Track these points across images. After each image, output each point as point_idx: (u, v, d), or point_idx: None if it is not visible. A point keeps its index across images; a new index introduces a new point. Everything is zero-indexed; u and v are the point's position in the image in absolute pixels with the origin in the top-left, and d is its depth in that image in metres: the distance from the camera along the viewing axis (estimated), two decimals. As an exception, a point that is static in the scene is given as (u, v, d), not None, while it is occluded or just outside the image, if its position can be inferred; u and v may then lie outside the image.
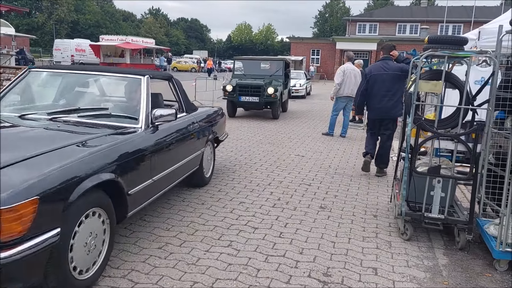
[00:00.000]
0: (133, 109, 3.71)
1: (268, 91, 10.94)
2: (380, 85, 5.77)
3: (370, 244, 3.75)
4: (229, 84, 11.38)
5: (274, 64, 12.55)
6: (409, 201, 3.93)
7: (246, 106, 11.88)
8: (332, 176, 5.99)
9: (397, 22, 44.07)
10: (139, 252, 3.35)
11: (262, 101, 11.05)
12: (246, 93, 11.12)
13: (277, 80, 11.74)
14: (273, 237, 3.78)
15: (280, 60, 12.91)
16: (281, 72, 12.12)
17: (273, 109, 11.46)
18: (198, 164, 4.79)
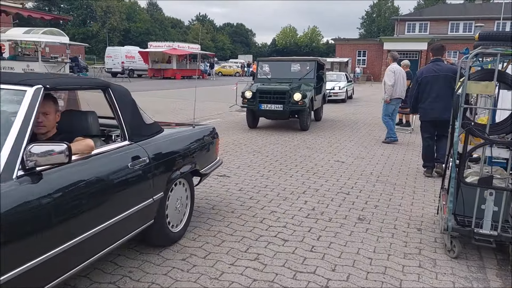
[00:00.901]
0: None
1: (294, 98, 9.25)
2: (433, 87, 5.79)
3: (412, 262, 3.40)
4: (248, 89, 9.70)
5: (304, 65, 10.95)
6: (457, 215, 3.53)
7: (268, 116, 10.06)
8: (373, 184, 5.63)
9: (449, 21, 42.10)
10: (162, 264, 3.22)
11: (287, 109, 9.37)
12: (268, 100, 9.45)
13: (308, 84, 10.08)
14: (303, 251, 3.52)
15: (311, 60, 10.98)
16: (313, 74, 10.51)
17: (301, 119, 9.69)
18: (152, 218, 3.22)
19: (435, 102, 5.76)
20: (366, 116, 13.26)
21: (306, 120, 9.75)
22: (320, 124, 11.32)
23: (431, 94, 5.79)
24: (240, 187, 5.26)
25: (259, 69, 11.08)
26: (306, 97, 9.36)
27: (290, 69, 10.99)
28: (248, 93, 9.61)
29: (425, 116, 5.98)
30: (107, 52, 36.80)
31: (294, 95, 9.30)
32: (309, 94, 9.57)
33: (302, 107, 9.39)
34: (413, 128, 10.18)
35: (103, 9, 65.43)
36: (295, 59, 11.87)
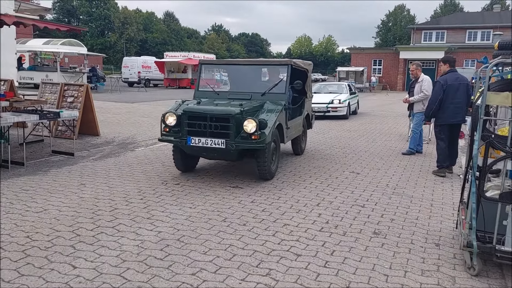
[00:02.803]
0: None
1: (245, 127, 5.54)
2: (455, 94, 6.43)
3: (430, 279, 3.27)
4: (171, 111, 6.01)
5: (274, 72, 7.55)
6: (478, 231, 3.39)
7: (204, 156, 6.14)
8: (389, 196, 5.49)
9: (467, 29, 41.56)
10: (171, 279, 3.15)
11: (233, 147, 5.54)
12: (201, 130, 5.68)
13: (276, 103, 6.31)
14: (317, 266, 3.42)
15: (282, 64, 7.11)
16: (284, 87, 6.63)
17: (259, 162, 5.85)
18: None
19: (458, 107, 6.42)
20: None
21: (266, 164, 5.82)
22: (334, 135, 11.08)
23: (455, 100, 6.38)
24: (253, 199, 5.18)
25: (202, 77, 7.21)
26: (266, 126, 5.62)
27: (251, 79, 7.19)
28: (170, 118, 5.89)
29: (447, 120, 6.49)
30: (124, 62, 37.37)
31: (245, 123, 5.53)
32: (273, 120, 5.85)
33: (258, 143, 5.53)
34: (430, 138, 9.97)
35: (120, 20, 66.63)
36: (256, 61, 7.57)
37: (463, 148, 8.85)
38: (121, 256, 3.48)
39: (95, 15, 67.26)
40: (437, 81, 6.59)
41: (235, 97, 6.61)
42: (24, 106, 7.96)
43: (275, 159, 6.29)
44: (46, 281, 3.05)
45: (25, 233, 3.93)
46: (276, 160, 6.31)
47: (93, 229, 4.06)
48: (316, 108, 13.50)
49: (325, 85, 17.30)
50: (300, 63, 7.49)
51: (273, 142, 6.06)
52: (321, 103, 14.24)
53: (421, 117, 8.30)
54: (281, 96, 6.55)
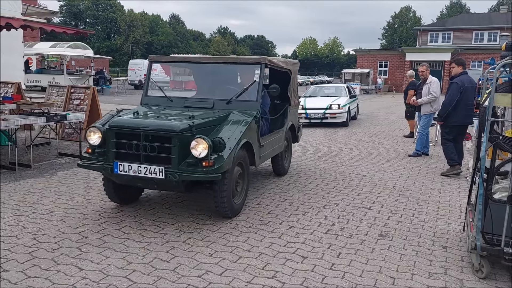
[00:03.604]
0: None
1: (193, 150, 4.07)
2: (469, 96, 6.51)
3: (438, 282, 3.24)
4: (94, 126, 4.44)
5: (245, 73, 5.80)
6: (485, 233, 3.36)
7: (140, 186, 4.79)
8: (396, 198, 5.46)
9: (474, 30, 41.31)
10: (177, 281, 3.15)
11: (175, 178, 4.03)
12: (132, 153, 4.19)
13: (245, 113, 4.91)
14: (323, 269, 3.40)
15: (255, 63, 5.44)
16: (256, 93, 5.15)
17: (215, 197, 4.35)
18: None
19: (470, 109, 6.53)
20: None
21: (225, 200, 4.32)
22: (340, 137, 11.00)
23: (468, 102, 6.47)
24: (259, 201, 5.18)
25: (152, 79, 5.76)
26: (224, 147, 4.19)
27: (217, 81, 5.82)
28: (93, 135, 4.37)
29: (460, 121, 6.56)
30: (130, 64, 37.53)
31: (193, 143, 4.05)
32: (237, 138, 4.40)
33: (211, 173, 4.02)
34: (437, 140, 9.92)
35: (127, 23, 66.99)
36: (220, 59, 5.92)
37: (470, 150, 8.79)
38: (127, 258, 3.49)
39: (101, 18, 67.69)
40: (454, 82, 6.52)
41: (193, 105, 5.14)
42: (31, 109, 8.02)
43: (241, 190, 4.74)
44: (52, 283, 3.06)
45: (32, 235, 3.95)
46: (243, 191, 4.78)
47: (99, 231, 4.08)
48: (312, 115, 12.53)
49: (321, 88, 15.60)
50: (279, 62, 5.94)
51: (239, 167, 4.58)
52: (318, 108, 12.63)
53: (428, 119, 8.25)
54: (252, 104, 5.03)
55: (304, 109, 12.48)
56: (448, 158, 6.75)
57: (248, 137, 4.66)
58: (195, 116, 4.45)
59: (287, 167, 6.76)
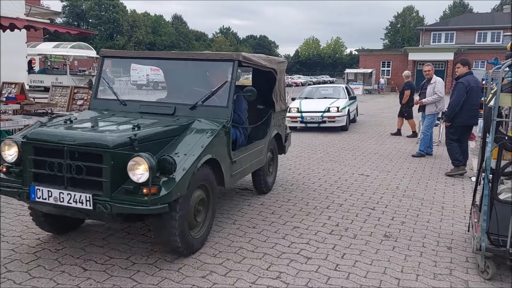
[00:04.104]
0: None
1: (130, 172, 3.08)
2: (475, 96, 6.47)
3: (443, 283, 3.23)
4: (9, 138, 3.52)
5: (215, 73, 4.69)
6: (491, 234, 3.34)
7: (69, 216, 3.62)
8: (399, 199, 5.44)
9: (477, 30, 41.18)
10: (181, 281, 3.15)
11: (107, 209, 3.02)
12: (54, 174, 3.20)
13: (213, 121, 4.01)
14: (327, 269, 3.39)
15: (223, 60, 4.46)
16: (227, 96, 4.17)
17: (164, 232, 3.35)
18: None
19: (475, 109, 6.50)
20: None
21: (174, 232, 3.32)
22: (343, 137, 10.97)
23: (473, 102, 6.44)
24: (262, 201, 5.17)
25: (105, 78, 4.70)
26: (174, 168, 3.20)
27: (184, 82, 4.94)
28: (7, 149, 3.44)
29: (465, 121, 6.54)
30: (133, 65, 37.55)
31: (130, 164, 3.09)
32: (195, 156, 3.49)
33: (155, 203, 3.05)
34: (440, 140, 9.88)
35: (129, 23, 67.11)
36: (185, 55, 4.69)
37: (474, 150, 8.76)
38: (131, 259, 3.49)
39: (104, 18, 67.81)
40: (460, 82, 6.51)
41: (149, 110, 4.23)
42: (35, 109, 8.04)
43: (203, 220, 3.78)
44: (57, 283, 3.06)
45: (36, 235, 3.96)
46: (206, 221, 3.82)
47: (103, 232, 4.08)
48: (309, 118, 11.53)
49: (317, 89, 14.31)
50: (260, 59, 4.89)
51: (201, 190, 3.66)
52: (315, 111, 11.55)
53: (432, 119, 8.23)
54: (221, 111, 4.07)
55: (300, 112, 11.55)
56: (453, 158, 6.73)
57: (213, 152, 3.73)
58: (142, 126, 3.51)
59: (271, 183, 5.72)
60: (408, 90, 10.75)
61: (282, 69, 5.72)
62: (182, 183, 3.23)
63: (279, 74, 5.54)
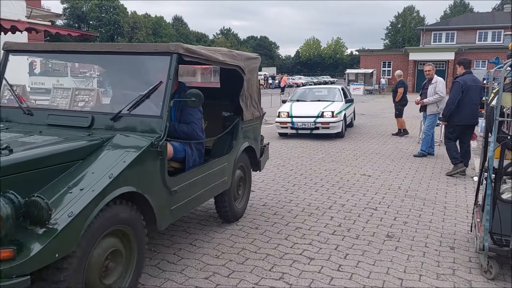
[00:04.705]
0: None
1: None
2: (472, 95, 6.47)
3: (446, 283, 3.22)
4: None
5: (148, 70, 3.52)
6: (494, 233, 3.34)
7: None
8: (402, 199, 5.43)
9: (477, 30, 41.15)
10: (184, 282, 3.15)
11: None
12: None
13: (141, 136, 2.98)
14: (330, 270, 3.39)
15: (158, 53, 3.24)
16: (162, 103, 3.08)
17: None
18: None
19: (473, 109, 6.49)
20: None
21: None
22: (346, 136, 10.88)
23: (471, 102, 6.43)
24: (264, 202, 5.17)
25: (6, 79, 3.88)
26: (46, 217, 2.12)
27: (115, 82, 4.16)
28: None
29: (464, 120, 6.51)
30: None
31: None
32: (91, 194, 2.38)
33: (9, 274, 1.99)
34: (441, 140, 9.87)
35: (130, 25, 67.24)
36: (107, 47, 3.47)
37: (476, 150, 8.75)
38: (134, 260, 3.49)
39: (104, 20, 67.91)
40: (456, 81, 6.59)
41: (60, 122, 3.24)
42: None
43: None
44: (60, 285, 3.06)
45: None
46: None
47: (106, 233, 4.08)
48: (300, 124, 10.29)
49: (311, 90, 12.91)
50: (212, 53, 3.71)
51: (117, 238, 2.69)
52: (307, 116, 10.32)
53: (434, 119, 8.23)
54: (152, 122, 3.05)
55: (290, 117, 10.38)
56: (451, 157, 6.77)
57: (134, 182, 2.69)
58: (21, 146, 2.54)
59: (242, 209, 4.62)
60: (401, 88, 10.85)
61: (253, 67, 4.66)
62: (66, 238, 2.18)
63: (249, 73, 4.45)
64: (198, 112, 3.76)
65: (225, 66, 3.91)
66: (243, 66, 4.30)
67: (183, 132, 3.53)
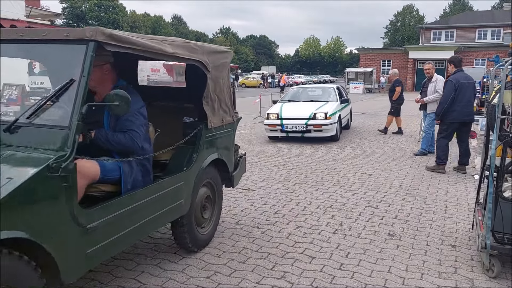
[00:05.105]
0: None
1: None
2: (465, 93, 6.53)
3: (448, 281, 3.22)
4: None
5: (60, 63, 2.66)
6: (496, 232, 3.33)
7: None
8: (402, 197, 5.43)
9: (477, 28, 41.13)
10: (185, 282, 3.14)
11: None
12: None
13: (43, 152, 2.23)
14: (332, 269, 3.39)
15: (72, 40, 2.40)
16: (72, 108, 2.32)
17: None
18: None
19: (467, 106, 6.55)
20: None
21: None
22: (346, 135, 10.89)
23: (464, 99, 6.49)
24: (265, 201, 5.16)
25: None
26: None
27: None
28: None
29: (457, 118, 6.55)
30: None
31: None
32: None
33: None
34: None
35: (129, 24, 67.14)
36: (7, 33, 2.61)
37: (476, 148, 8.75)
38: (136, 260, 3.49)
39: (103, 20, 67.81)
40: (449, 80, 6.66)
41: None
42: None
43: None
44: (61, 285, 3.05)
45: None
46: None
47: (107, 233, 4.07)
48: (290, 127, 9.47)
49: (304, 89, 12.02)
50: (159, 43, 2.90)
51: None
52: (298, 118, 9.52)
53: (434, 117, 8.22)
54: (57, 135, 2.31)
55: (280, 118, 9.57)
56: (437, 156, 6.90)
57: (22, 224, 1.99)
58: None
59: (208, 235, 3.81)
60: (399, 87, 10.89)
61: (221, 63, 3.81)
62: None
63: (215, 70, 3.64)
64: (140, 117, 2.98)
65: (176, 60, 3.23)
66: (205, 61, 3.46)
67: (118, 143, 2.81)
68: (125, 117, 2.86)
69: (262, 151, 8.50)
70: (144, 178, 3.04)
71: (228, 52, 4.02)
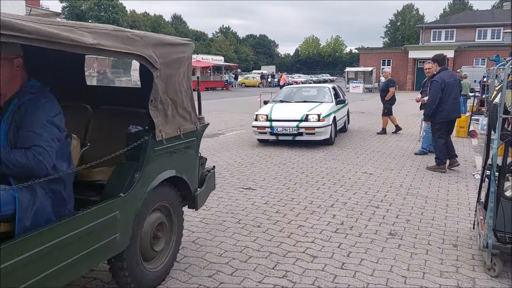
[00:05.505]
0: None
1: None
2: (452, 91, 6.60)
3: (449, 280, 3.22)
4: None
5: None
6: (497, 231, 3.33)
7: None
8: (403, 197, 5.43)
9: (477, 27, 41.15)
10: (188, 281, 3.14)
11: None
12: None
13: None
14: (333, 268, 3.39)
15: None
16: None
17: None
18: None
19: (455, 103, 6.66)
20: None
21: None
22: (344, 137, 10.89)
23: (451, 97, 6.58)
24: (266, 200, 5.16)
25: None
26: None
27: None
28: None
29: (447, 117, 6.63)
30: (133, 65, 37.51)
31: None
32: None
33: None
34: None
35: (129, 24, 67.10)
36: None
37: (476, 148, 8.76)
38: (137, 259, 3.48)
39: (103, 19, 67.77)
40: (434, 80, 6.71)
41: None
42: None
43: None
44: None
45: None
46: None
47: (108, 232, 4.07)
48: (280, 130, 8.75)
49: (299, 89, 11.29)
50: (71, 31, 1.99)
51: None
52: (289, 120, 8.81)
53: None
54: None
55: (270, 120, 8.86)
56: (436, 156, 6.89)
57: None
58: None
59: (162, 272, 3.08)
60: (393, 87, 10.94)
61: (177, 58, 3.03)
62: None
63: (165, 67, 2.87)
64: (53, 129, 2.25)
65: (101, 54, 2.29)
66: (149, 56, 2.65)
67: (15, 164, 2.10)
68: (29, 127, 2.17)
69: (262, 151, 8.50)
70: (57, 208, 2.30)
71: (186, 45, 3.19)
